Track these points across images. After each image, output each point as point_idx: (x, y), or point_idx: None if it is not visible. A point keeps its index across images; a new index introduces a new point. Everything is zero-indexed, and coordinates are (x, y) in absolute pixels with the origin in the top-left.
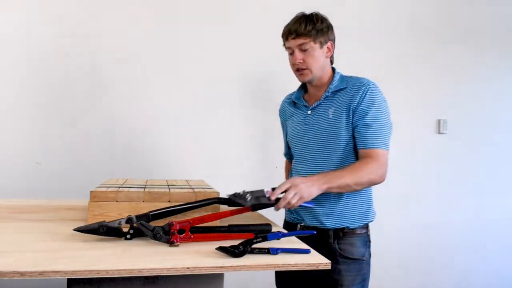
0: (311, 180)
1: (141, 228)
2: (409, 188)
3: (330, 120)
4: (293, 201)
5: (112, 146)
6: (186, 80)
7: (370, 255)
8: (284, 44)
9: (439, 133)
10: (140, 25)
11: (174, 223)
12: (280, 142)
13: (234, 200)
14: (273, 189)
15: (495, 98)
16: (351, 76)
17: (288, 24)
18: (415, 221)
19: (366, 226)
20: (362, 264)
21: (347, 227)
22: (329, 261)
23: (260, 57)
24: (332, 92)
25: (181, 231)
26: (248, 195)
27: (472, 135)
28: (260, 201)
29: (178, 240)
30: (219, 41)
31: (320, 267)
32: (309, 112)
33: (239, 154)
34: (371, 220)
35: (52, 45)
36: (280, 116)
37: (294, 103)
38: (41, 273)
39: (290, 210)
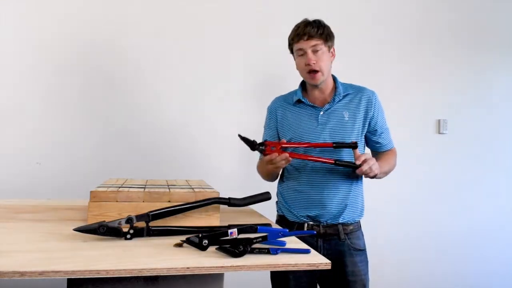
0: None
1: (242, 139)
2: (408, 188)
3: (347, 122)
4: (374, 168)
5: (112, 146)
6: (185, 80)
7: None
8: (292, 47)
9: (439, 133)
10: (140, 25)
11: (268, 143)
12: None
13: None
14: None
15: (495, 98)
16: (349, 83)
17: (299, 28)
18: (415, 220)
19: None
20: (366, 253)
21: (354, 220)
22: (329, 261)
23: (258, 57)
24: (342, 96)
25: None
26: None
27: (472, 135)
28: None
29: (270, 151)
30: (219, 41)
31: (320, 267)
32: (321, 112)
33: (239, 154)
34: (363, 215)
35: (52, 46)
36: (270, 113)
37: (300, 101)
38: (41, 273)
39: (290, 210)
